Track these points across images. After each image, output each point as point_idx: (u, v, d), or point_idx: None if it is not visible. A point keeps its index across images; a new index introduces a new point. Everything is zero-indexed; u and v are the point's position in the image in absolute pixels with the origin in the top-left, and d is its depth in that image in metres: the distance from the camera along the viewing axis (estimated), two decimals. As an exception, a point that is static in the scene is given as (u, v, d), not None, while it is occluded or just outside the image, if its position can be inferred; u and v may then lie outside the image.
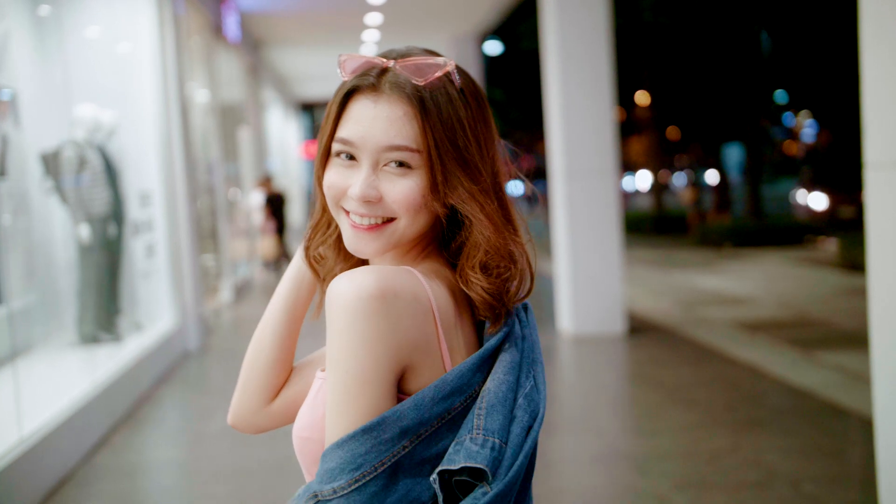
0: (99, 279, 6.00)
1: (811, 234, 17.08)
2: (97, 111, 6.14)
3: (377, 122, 1.15)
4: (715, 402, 5.33)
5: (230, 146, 11.80)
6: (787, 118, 33.34)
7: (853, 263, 11.38)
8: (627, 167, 34.72)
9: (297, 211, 19.94)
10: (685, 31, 20.24)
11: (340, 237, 1.27)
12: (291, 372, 1.38)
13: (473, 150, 1.18)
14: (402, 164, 1.16)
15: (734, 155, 27.34)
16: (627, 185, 37.94)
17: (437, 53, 1.20)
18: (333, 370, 1.08)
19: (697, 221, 20.56)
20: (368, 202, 1.16)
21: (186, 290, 7.57)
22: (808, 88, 24.04)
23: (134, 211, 6.92)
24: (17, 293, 5.17)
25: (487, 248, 1.17)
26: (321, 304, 1.29)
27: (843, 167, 22.38)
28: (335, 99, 1.20)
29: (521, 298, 1.21)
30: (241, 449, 4.60)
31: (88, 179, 5.90)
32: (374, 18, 11.76)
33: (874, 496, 2.77)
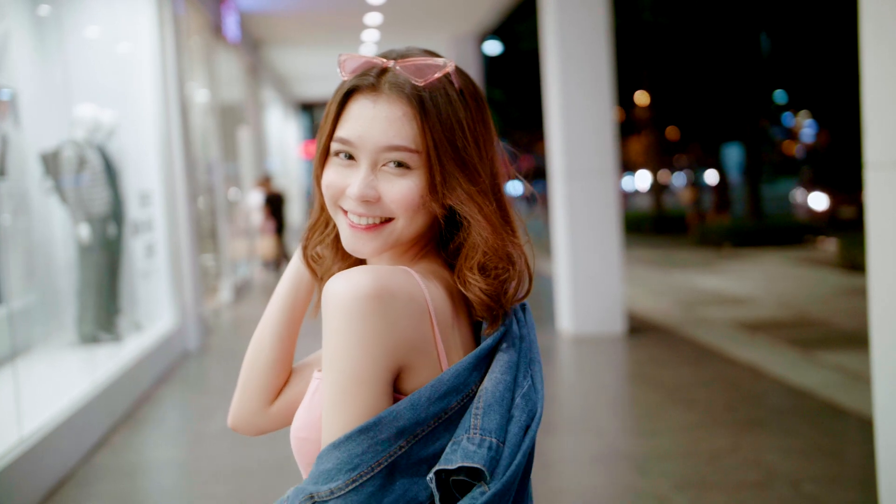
0: (99, 279, 6.00)
1: (811, 234, 17.06)
2: (97, 111, 6.14)
3: (376, 122, 1.15)
4: (715, 402, 5.33)
5: (230, 146, 11.80)
6: (786, 118, 33.38)
7: (853, 263, 11.38)
8: (627, 167, 34.72)
9: (296, 211, 19.94)
10: (685, 31, 20.24)
11: (338, 237, 1.27)
12: (291, 373, 1.38)
13: (472, 151, 1.18)
14: (400, 164, 1.16)
15: (734, 155, 27.34)
16: (627, 185, 37.93)
17: (436, 54, 1.20)
18: (329, 370, 1.08)
19: (697, 221, 20.55)
20: (367, 202, 1.16)
21: (186, 289, 7.57)
22: (807, 88, 24.06)
23: (134, 211, 6.92)
24: (17, 293, 5.17)
25: (486, 249, 1.17)
26: (319, 303, 1.29)
27: (842, 167, 22.37)
28: (335, 98, 1.20)
29: (519, 299, 1.21)
30: (241, 449, 4.60)
31: (88, 179, 5.90)
32: (373, 18, 11.76)
33: (874, 496, 2.77)
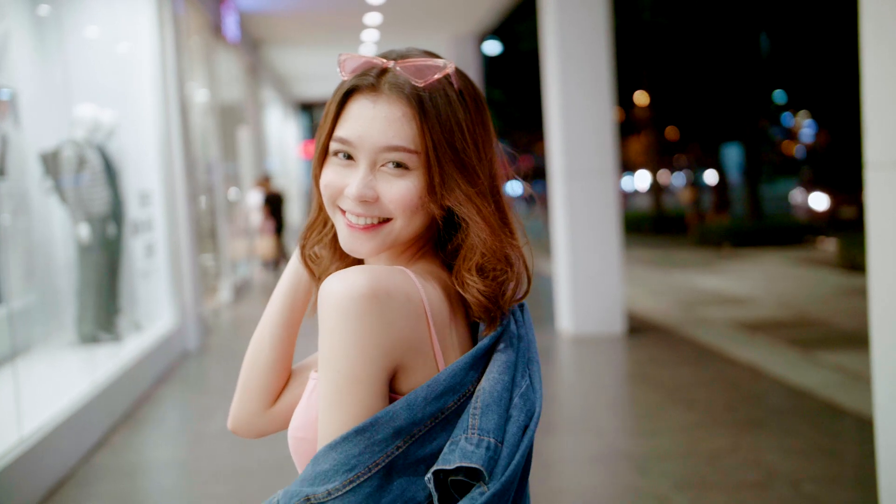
0: (98, 279, 6.00)
1: (811, 234, 17.05)
2: (97, 111, 6.14)
3: (376, 122, 1.15)
4: (715, 402, 5.33)
5: (229, 146, 11.80)
6: (785, 118, 33.37)
7: (853, 263, 11.37)
8: (627, 167, 34.71)
9: (295, 211, 19.94)
10: (684, 31, 20.24)
11: (336, 236, 1.27)
12: (291, 375, 1.37)
13: (471, 152, 1.18)
14: (399, 164, 1.16)
15: (733, 155, 27.36)
16: (627, 185, 37.93)
17: (436, 55, 1.20)
18: (325, 370, 1.08)
19: (696, 221, 20.54)
20: (365, 202, 1.16)
21: (186, 289, 7.57)
22: (806, 88, 24.05)
23: (133, 211, 6.92)
24: (17, 293, 5.17)
25: (484, 250, 1.16)
26: (315, 303, 1.29)
27: (842, 167, 22.37)
28: (334, 98, 1.20)
29: (517, 300, 1.21)
30: (241, 449, 4.60)
31: (88, 179, 5.90)
32: (373, 18, 11.75)
33: (874, 496, 2.77)
